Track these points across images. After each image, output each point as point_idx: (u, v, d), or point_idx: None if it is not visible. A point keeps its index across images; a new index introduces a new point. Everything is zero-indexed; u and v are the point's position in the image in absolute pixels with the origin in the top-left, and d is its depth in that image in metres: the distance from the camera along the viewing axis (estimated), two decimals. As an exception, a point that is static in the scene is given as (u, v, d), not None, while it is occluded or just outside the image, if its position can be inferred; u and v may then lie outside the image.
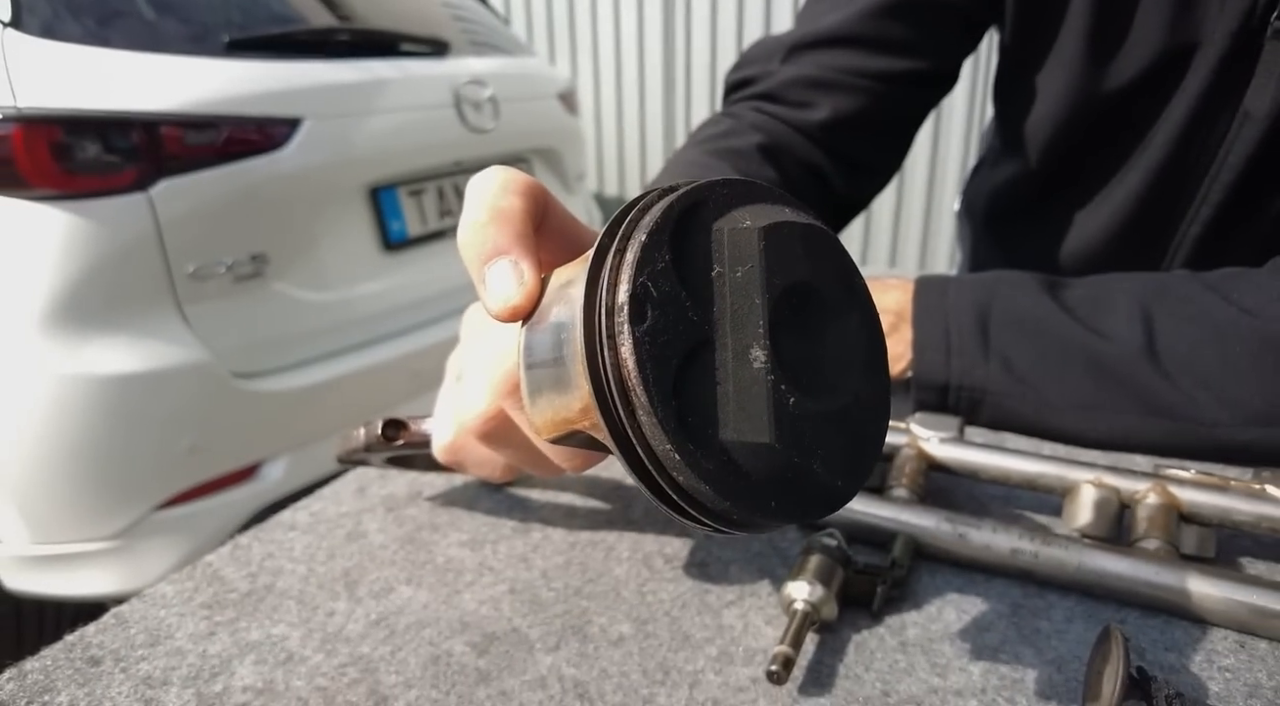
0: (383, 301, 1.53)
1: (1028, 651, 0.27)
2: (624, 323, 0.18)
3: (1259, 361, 0.38)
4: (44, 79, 1.16)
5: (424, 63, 1.61)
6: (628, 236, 0.19)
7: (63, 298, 1.15)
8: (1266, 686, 0.26)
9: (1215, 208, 0.50)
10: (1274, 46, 0.44)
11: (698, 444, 0.18)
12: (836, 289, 0.22)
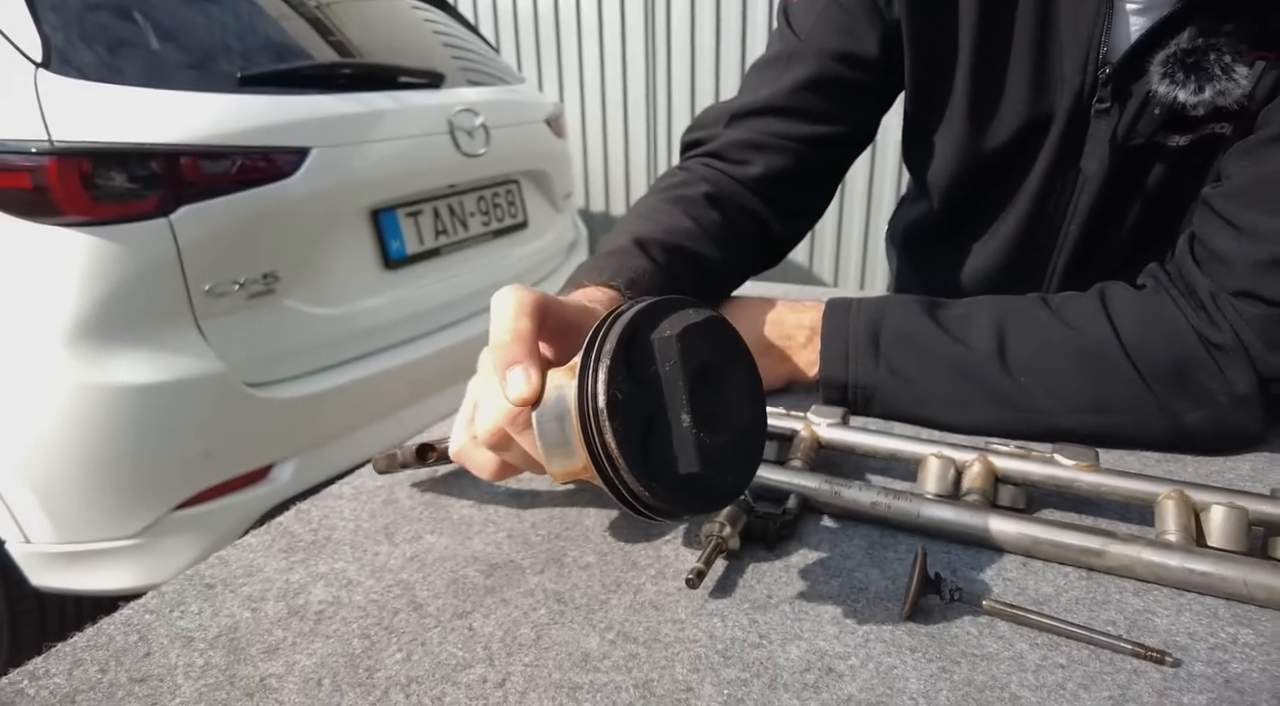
0: (383, 315, 1.64)
1: (875, 572, 0.39)
2: (605, 421, 0.30)
3: (1079, 365, 0.50)
4: (73, 114, 1.27)
5: (420, 94, 1.73)
6: (599, 358, 0.31)
7: (91, 314, 1.25)
8: (1032, 589, 0.37)
9: (1074, 242, 0.63)
10: (1097, 122, 0.56)
11: (659, 482, 0.31)
12: (728, 356, 0.35)
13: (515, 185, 2.02)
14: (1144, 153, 0.56)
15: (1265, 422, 0.49)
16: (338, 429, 1.56)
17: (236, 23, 1.60)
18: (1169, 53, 0.51)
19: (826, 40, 0.62)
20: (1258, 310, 0.47)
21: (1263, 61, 0.49)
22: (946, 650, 0.33)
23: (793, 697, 0.31)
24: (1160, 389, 0.49)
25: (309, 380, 1.50)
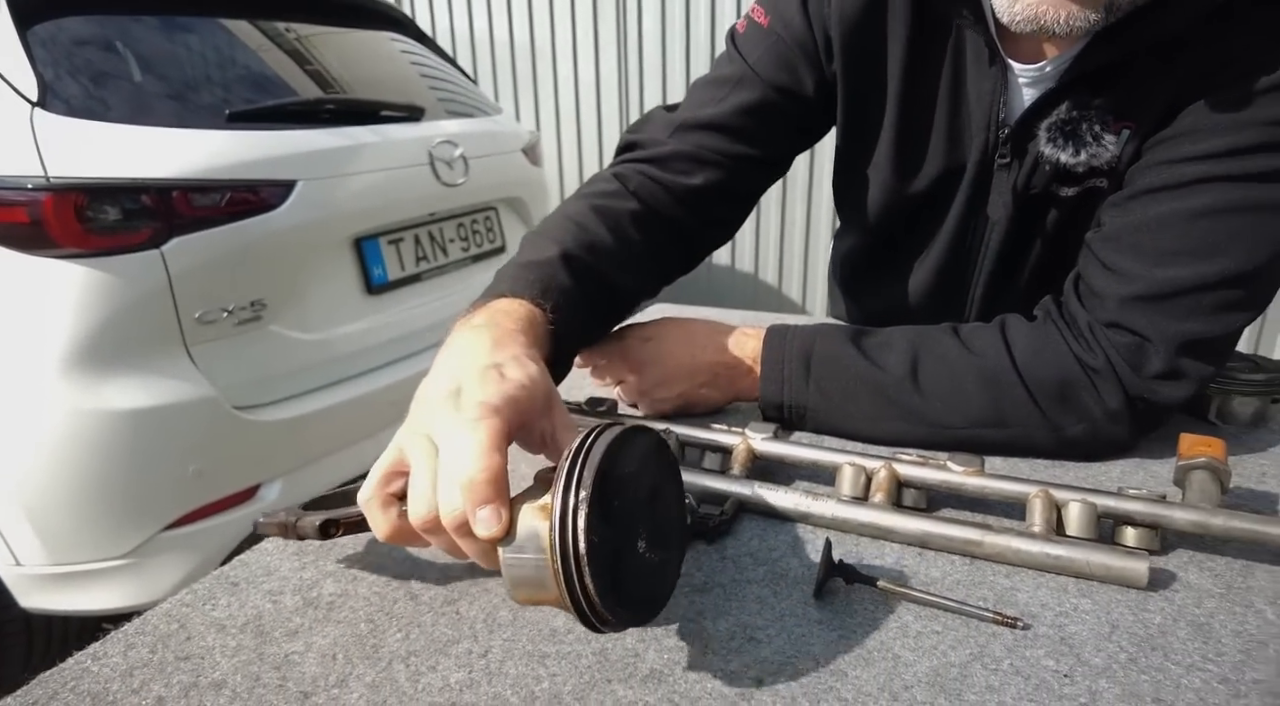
0: (366, 339, 1.70)
1: (795, 561, 0.47)
2: (585, 567, 0.32)
3: (980, 386, 0.58)
4: (68, 151, 1.33)
5: (402, 127, 1.80)
6: (576, 505, 0.32)
7: (84, 342, 1.30)
8: (923, 573, 0.45)
9: (988, 276, 0.71)
10: (1000, 175, 0.65)
11: (623, 606, 0.34)
12: (667, 471, 0.39)
13: (493, 212, 2.10)
14: (1041, 201, 0.65)
15: (1134, 434, 0.58)
16: (323, 449, 1.61)
17: (225, 62, 1.67)
18: (1051, 121, 0.60)
19: (771, 73, 0.69)
20: (1125, 339, 0.56)
21: (1126, 130, 0.59)
22: (846, 622, 0.41)
23: (719, 659, 0.39)
24: (1047, 406, 0.57)
25: (295, 403, 1.56)
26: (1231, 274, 0.53)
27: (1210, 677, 0.37)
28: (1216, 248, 0.53)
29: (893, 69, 0.66)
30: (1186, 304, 0.54)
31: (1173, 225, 0.55)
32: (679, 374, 0.65)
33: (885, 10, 0.64)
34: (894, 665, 0.38)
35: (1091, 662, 0.38)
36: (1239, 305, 0.55)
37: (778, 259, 3.07)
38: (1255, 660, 0.38)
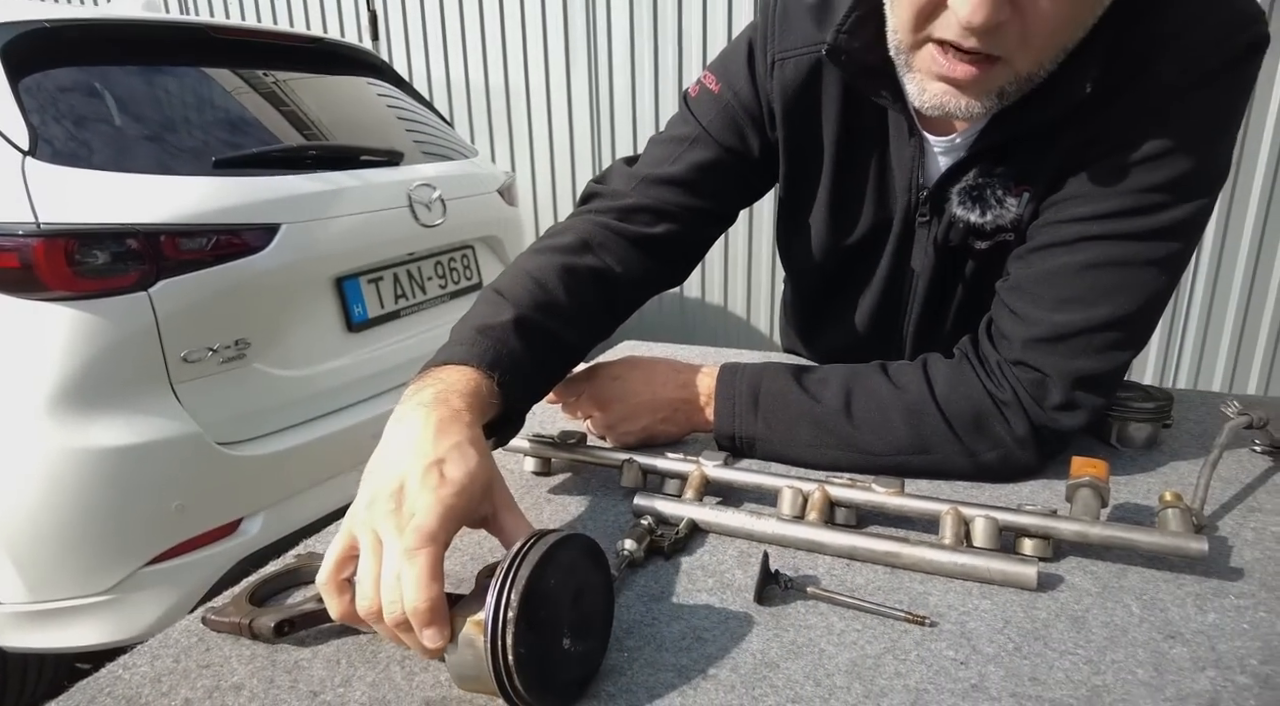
0: (346, 375, 1.75)
1: (739, 572, 0.54)
2: (515, 672, 0.37)
3: (904, 417, 0.66)
4: (59, 198, 1.38)
5: (381, 171, 1.88)
6: (504, 623, 0.37)
7: (72, 382, 1.34)
8: (849, 581, 0.52)
9: (917, 319, 0.80)
10: (920, 230, 0.73)
11: (550, 693, 0.39)
12: (595, 571, 0.43)
13: (470, 250, 2.17)
14: (958, 253, 0.74)
15: (1041, 458, 0.66)
16: (303, 483, 1.65)
17: (210, 109, 1.73)
18: (961, 186, 0.69)
19: (722, 134, 0.77)
20: (1029, 375, 0.64)
21: (1026, 193, 0.68)
22: (780, 622, 0.48)
23: (672, 656, 0.45)
24: (964, 434, 0.65)
25: (276, 438, 1.60)
26: (1113, 318, 0.62)
27: (1078, 660, 0.44)
28: (1100, 296, 0.62)
29: (828, 136, 0.74)
30: (1078, 344, 0.63)
31: (1063, 277, 0.63)
32: (642, 410, 0.72)
33: (820, 86, 0.73)
34: (819, 657, 0.45)
35: (984, 651, 0.45)
36: (1121, 345, 0.63)
37: (745, 293, 3.18)
38: (1116, 644, 0.46)
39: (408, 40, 3.43)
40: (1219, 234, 2.65)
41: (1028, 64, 0.57)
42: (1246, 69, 0.60)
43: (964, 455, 0.65)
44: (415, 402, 0.52)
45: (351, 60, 2.26)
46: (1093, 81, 0.59)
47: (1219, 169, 0.63)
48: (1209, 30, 0.59)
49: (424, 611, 0.40)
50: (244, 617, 0.46)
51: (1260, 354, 2.73)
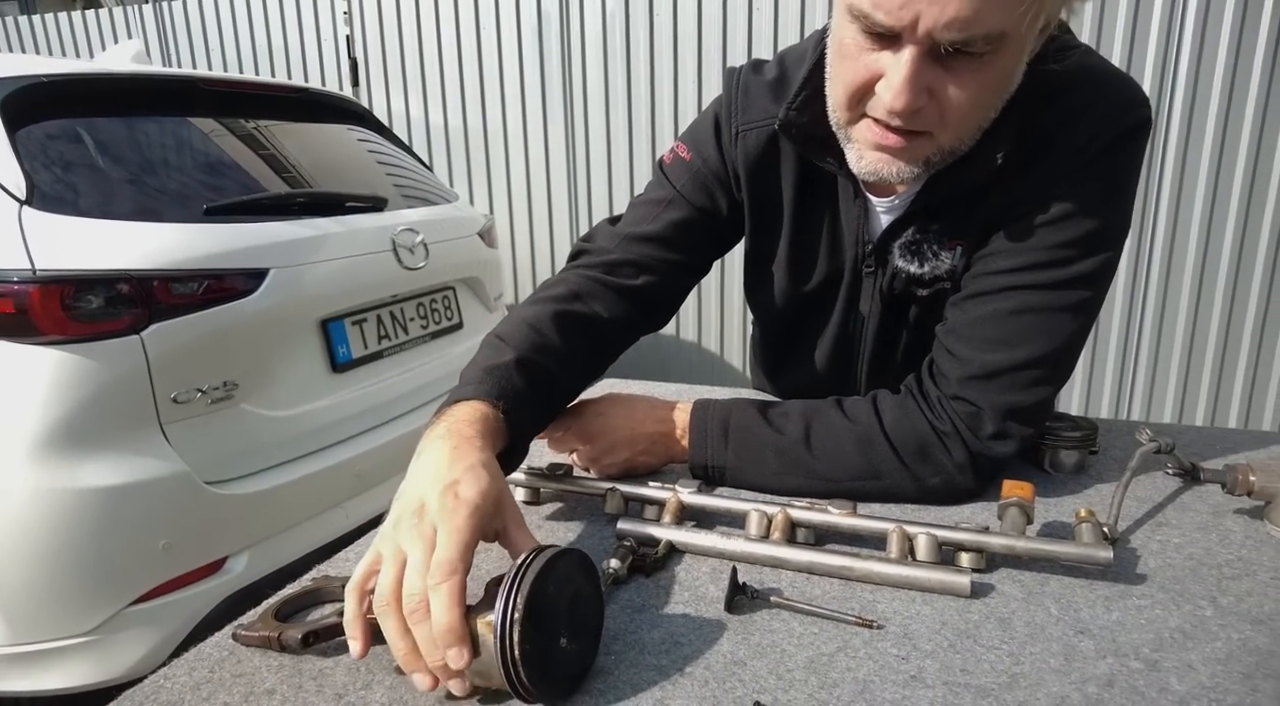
0: (331, 414, 1.79)
1: (712, 586, 0.60)
2: (520, 668, 0.44)
3: (856, 448, 0.73)
4: (55, 245, 1.43)
5: (366, 217, 1.95)
6: (512, 622, 0.44)
7: (64, 423, 1.38)
8: (809, 592, 0.59)
9: (869, 359, 0.88)
10: (867, 280, 0.82)
11: (550, 686, 0.46)
12: (585, 577, 0.50)
13: (451, 291, 2.24)
14: (903, 300, 0.83)
15: (979, 482, 0.74)
16: (288, 521, 1.68)
17: (201, 158, 1.80)
18: (902, 241, 0.78)
19: (694, 196, 0.86)
20: (965, 408, 0.73)
21: (959, 247, 0.77)
22: (748, 627, 0.55)
23: (653, 658, 0.52)
24: (910, 462, 0.73)
25: (262, 477, 1.64)
26: (1035, 358, 0.71)
27: (1002, 654, 0.52)
28: (1023, 338, 0.71)
29: (786, 197, 0.83)
30: (1006, 381, 0.71)
31: (992, 322, 0.72)
32: (622, 443, 0.79)
33: (779, 153, 0.82)
34: (780, 656, 0.52)
35: (923, 648, 0.52)
36: (1044, 381, 0.72)
37: (718, 334, 3.28)
38: (1035, 639, 0.53)
39: (387, 86, 3.53)
40: (1161, 276, 2.81)
41: (949, 139, 0.66)
42: (1137, 144, 0.70)
43: (910, 480, 0.73)
44: (432, 437, 0.59)
45: (335, 108, 2.34)
46: (1005, 155, 0.69)
47: (1120, 227, 0.72)
48: (1105, 111, 0.69)
49: (448, 632, 0.45)
50: (273, 631, 0.52)
51: (1205, 387, 2.88)
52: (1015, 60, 0.63)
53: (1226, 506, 0.73)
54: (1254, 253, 2.70)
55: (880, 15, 0.58)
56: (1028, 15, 0.57)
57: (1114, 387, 2.98)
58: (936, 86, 0.61)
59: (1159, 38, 2.64)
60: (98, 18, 3.96)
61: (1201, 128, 2.66)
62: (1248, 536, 0.67)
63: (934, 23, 0.56)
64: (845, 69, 0.65)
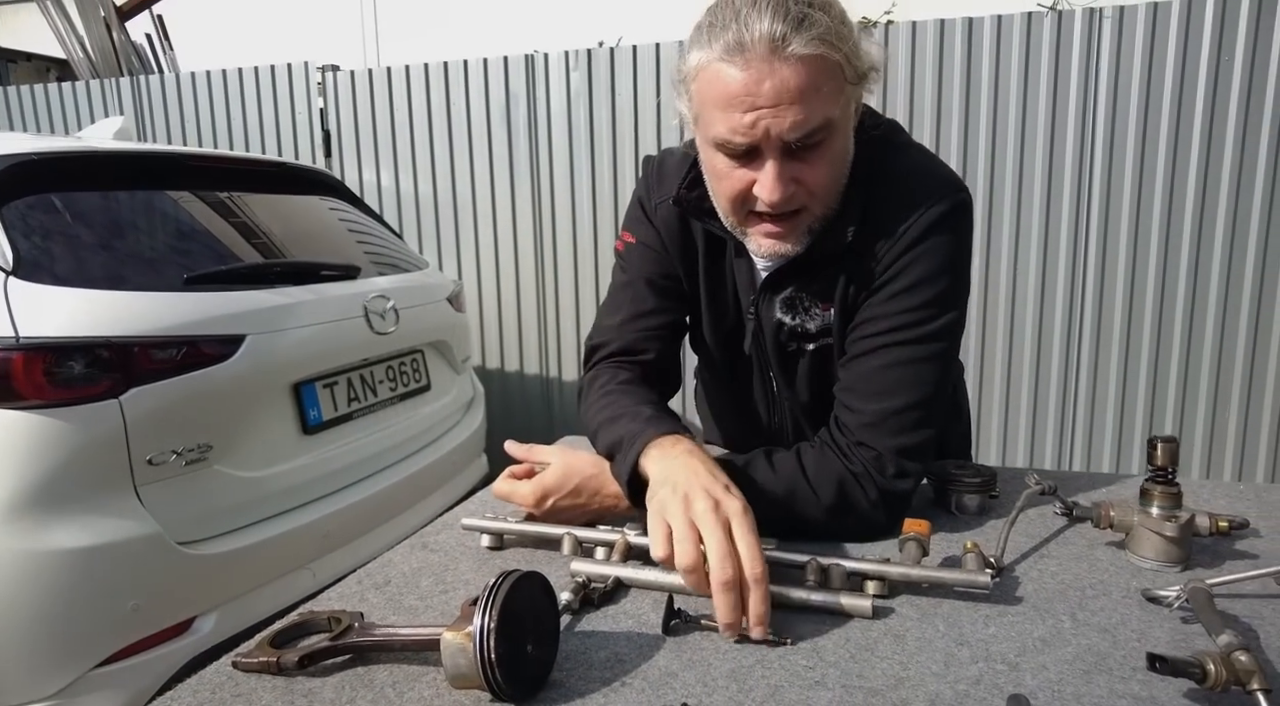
0: (301, 475, 1.85)
1: (653, 614, 0.69)
2: (495, 669, 0.53)
3: (784, 493, 0.84)
4: (38, 314, 1.49)
5: (339, 285, 2.04)
6: (487, 632, 0.53)
7: (40, 485, 1.42)
8: (736, 617, 0.69)
9: (789, 410, 1.00)
10: (752, 326, 0.95)
11: (520, 686, 0.55)
12: (546, 599, 0.60)
13: (420, 354, 2.33)
14: (795, 354, 0.96)
15: (890, 517, 0.84)
16: (257, 581, 1.72)
17: (181, 230, 1.89)
18: (781, 297, 0.93)
19: (649, 271, 1.00)
20: (869, 453, 0.84)
21: (831, 310, 0.91)
22: (680, 646, 0.64)
23: (598, 672, 0.60)
24: (830, 504, 0.83)
25: (233, 537, 1.68)
26: (912, 403, 0.84)
27: (893, 662, 0.61)
28: (899, 388, 0.84)
29: (700, 254, 0.98)
30: (892, 425, 0.84)
31: (871, 377, 0.86)
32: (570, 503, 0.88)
33: (689, 222, 0.96)
34: (707, 668, 0.61)
35: (827, 660, 0.62)
36: (923, 423, 0.85)
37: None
38: (922, 651, 0.63)
39: (359, 157, 3.67)
40: (1092, 336, 3.01)
41: (820, 208, 0.83)
42: (961, 223, 0.87)
43: (832, 519, 0.83)
44: (679, 452, 0.75)
45: (311, 181, 2.46)
46: (853, 231, 0.85)
47: (960, 291, 0.88)
48: (928, 200, 0.85)
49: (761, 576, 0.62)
50: (270, 656, 0.60)
51: (1138, 436, 3.05)
52: (845, 136, 0.83)
53: (1100, 539, 0.84)
54: (1171, 314, 2.92)
55: (740, 138, 0.77)
56: (840, 102, 0.77)
57: (1055, 439, 3.14)
58: (798, 175, 0.79)
59: (1076, 107, 2.90)
60: (74, 90, 4.06)
61: (1120, 191, 2.90)
62: (1111, 563, 0.78)
63: (780, 130, 0.75)
64: (724, 186, 0.83)
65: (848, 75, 0.77)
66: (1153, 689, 0.57)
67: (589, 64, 3.30)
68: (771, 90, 0.74)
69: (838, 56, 0.75)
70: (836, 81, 0.76)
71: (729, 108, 0.76)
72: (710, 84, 0.77)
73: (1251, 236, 2.82)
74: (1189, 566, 0.76)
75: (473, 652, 0.53)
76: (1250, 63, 2.72)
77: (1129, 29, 2.82)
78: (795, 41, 0.73)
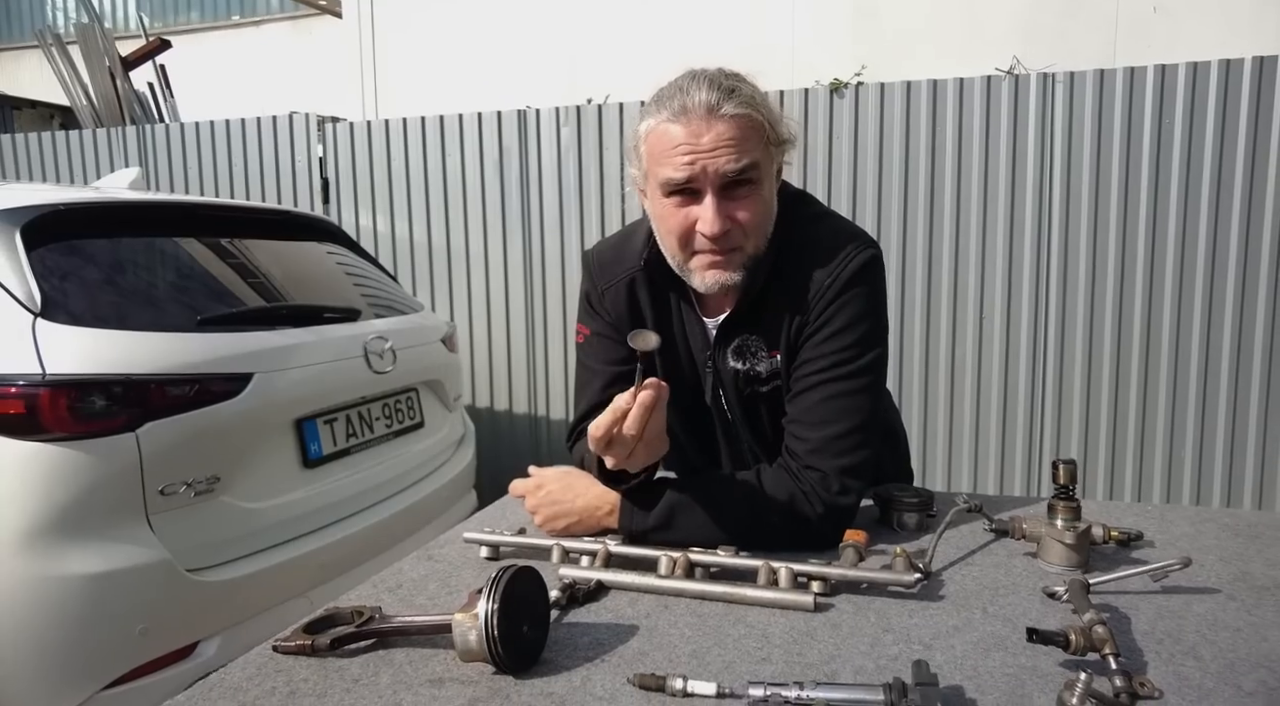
0: (302, 506, 1.94)
1: (630, 609, 0.81)
2: (499, 646, 0.65)
3: (745, 510, 0.96)
4: (64, 352, 1.60)
5: (341, 327, 2.17)
6: (491, 614, 0.65)
7: (58, 513, 1.51)
8: (699, 610, 0.80)
9: (749, 441, 1.13)
10: (710, 377, 1.08)
11: (519, 659, 0.68)
12: (539, 589, 0.72)
13: (414, 392, 2.44)
14: (751, 397, 1.09)
15: (835, 530, 0.96)
16: (258, 607, 1.80)
17: (196, 274, 2.02)
18: (731, 346, 1.06)
19: (607, 357, 1.13)
20: (815, 474, 0.97)
21: (777, 356, 1.04)
22: (653, 632, 0.76)
23: (581, 652, 0.72)
24: (783, 517, 0.96)
25: (238, 565, 1.76)
26: (850, 430, 0.97)
27: (828, 644, 0.73)
28: (837, 417, 0.98)
29: (650, 324, 1.11)
30: (834, 449, 0.97)
31: (813, 408, 0.99)
32: (562, 514, 1.00)
33: (637, 297, 1.11)
34: (672, 649, 0.73)
35: (774, 643, 0.74)
36: (861, 446, 0.98)
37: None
38: (853, 636, 0.75)
39: (356, 204, 3.83)
40: (1055, 369, 3.17)
41: (752, 246, 0.99)
42: (878, 271, 1.03)
43: (784, 529, 0.96)
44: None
45: (311, 227, 2.60)
46: (779, 289, 1.01)
47: (880, 332, 1.03)
48: (844, 256, 1.00)
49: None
50: (305, 641, 0.71)
51: (1100, 463, 3.20)
52: (770, 186, 0.99)
53: (1018, 550, 0.97)
54: (1129, 347, 3.09)
55: (681, 175, 0.93)
56: (764, 154, 0.96)
57: (1024, 468, 3.27)
58: (732, 212, 0.95)
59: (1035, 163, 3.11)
60: (80, 138, 4.22)
61: (1076, 240, 3.09)
62: (1024, 569, 0.91)
63: (717, 168, 0.92)
64: (671, 225, 0.98)
65: (769, 136, 0.96)
66: (1036, 660, 0.69)
67: (578, 120, 3.50)
68: (710, 141, 0.92)
69: (760, 118, 0.94)
70: (760, 137, 0.95)
71: (674, 154, 0.93)
72: (659, 140, 0.95)
73: (1196, 283, 3.01)
74: (1088, 570, 0.89)
75: (479, 631, 0.65)
76: (1189, 124, 2.95)
77: (1079, 92, 3.04)
78: (727, 105, 0.92)
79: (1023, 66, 3.24)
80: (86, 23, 5.08)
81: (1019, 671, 0.68)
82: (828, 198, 3.28)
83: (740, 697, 0.64)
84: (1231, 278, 2.97)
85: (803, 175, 3.31)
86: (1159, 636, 0.74)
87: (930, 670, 0.64)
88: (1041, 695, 0.64)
